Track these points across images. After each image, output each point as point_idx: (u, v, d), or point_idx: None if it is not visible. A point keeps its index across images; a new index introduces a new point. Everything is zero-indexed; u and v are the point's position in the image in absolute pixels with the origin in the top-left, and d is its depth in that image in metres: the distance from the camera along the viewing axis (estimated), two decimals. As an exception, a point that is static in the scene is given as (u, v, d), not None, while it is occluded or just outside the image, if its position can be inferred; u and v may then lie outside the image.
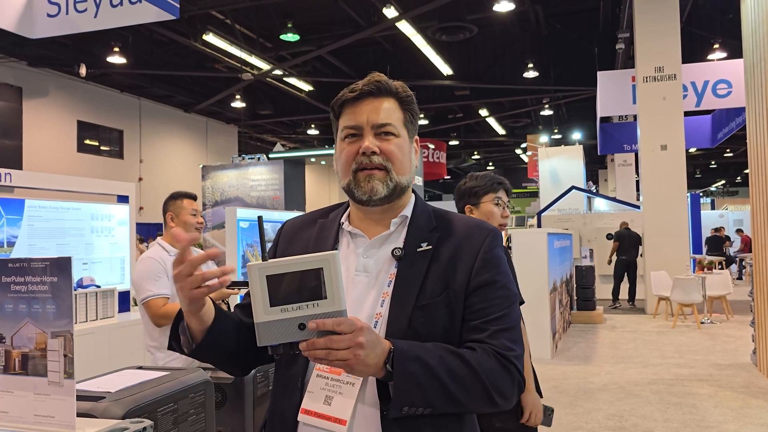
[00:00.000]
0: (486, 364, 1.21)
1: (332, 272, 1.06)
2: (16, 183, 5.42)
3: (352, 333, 1.08)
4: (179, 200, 3.42)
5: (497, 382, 1.21)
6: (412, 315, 1.23)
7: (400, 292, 1.25)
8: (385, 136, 1.31)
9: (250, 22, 14.09)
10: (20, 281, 1.21)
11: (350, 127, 1.32)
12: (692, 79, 12.58)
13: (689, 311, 10.23)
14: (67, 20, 6.12)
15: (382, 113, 1.31)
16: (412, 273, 1.27)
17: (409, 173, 1.35)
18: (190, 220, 3.41)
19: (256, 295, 1.06)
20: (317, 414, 1.23)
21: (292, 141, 25.14)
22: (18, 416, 1.21)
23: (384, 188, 1.29)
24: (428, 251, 1.29)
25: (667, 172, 11.34)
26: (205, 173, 13.86)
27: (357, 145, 1.30)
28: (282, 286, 1.06)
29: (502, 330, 1.26)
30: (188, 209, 3.40)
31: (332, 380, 1.25)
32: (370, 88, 1.31)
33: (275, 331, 1.06)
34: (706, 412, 5.28)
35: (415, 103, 1.39)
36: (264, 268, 1.06)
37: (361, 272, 1.31)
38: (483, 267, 1.29)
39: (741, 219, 22.69)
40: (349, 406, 1.21)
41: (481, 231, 1.34)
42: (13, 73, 15.12)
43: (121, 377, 1.70)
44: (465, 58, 16.70)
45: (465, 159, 30.95)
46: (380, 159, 1.29)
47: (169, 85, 18.18)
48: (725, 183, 39.10)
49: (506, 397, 1.23)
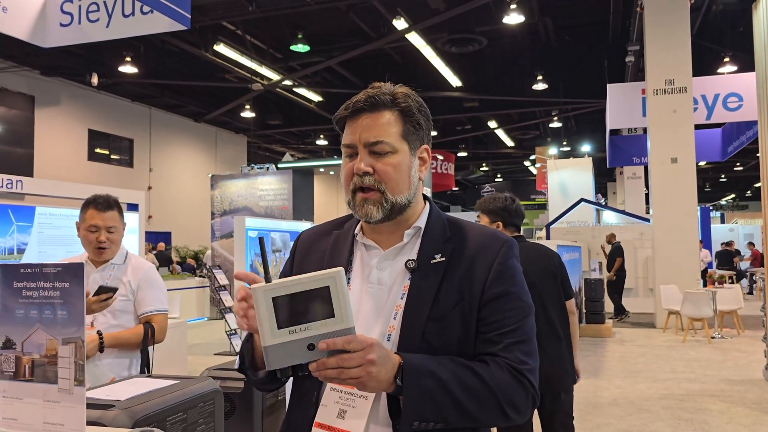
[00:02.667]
0: (499, 378, 1.19)
1: (339, 289, 1.04)
2: (27, 190, 5.45)
3: (363, 350, 1.06)
4: (86, 208, 2.67)
5: (511, 395, 1.19)
6: (426, 328, 1.21)
7: (413, 305, 1.24)
8: (380, 155, 1.27)
9: (260, 33, 14.18)
10: (32, 287, 1.20)
11: (346, 145, 1.30)
12: (703, 92, 12.53)
13: (699, 326, 10.13)
14: (79, 30, 6.17)
15: (375, 130, 1.27)
16: (426, 285, 1.25)
17: (408, 190, 1.30)
18: (87, 236, 2.64)
19: (262, 318, 1.03)
20: (330, 428, 1.23)
21: (300, 151, 25.21)
22: (27, 423, 1.19)
23: (379, 212, 1.27)
24: (442, 263, 1.27)
25: (678, 186, 11.28)
26: (214, 182, 13.91)
27: (353, 164, 1.28)
28: (289, 307, 1.03)
29: (516, 343, 1.24)
30: (87, 222, 2.64)
31: (346, 393, 1.23)
32: (363, 105, 1.28)
33: (285, 354, 1.04)
34: (718, 429, 5.20)
35: (418, 113, 1.32)
36: (270, 290, 1.04)
37: (375, 284, 1.29)
38: (497, 279, 1.27)
39: (751, 233, 22.55)
40: (362, 420, 1.20)
41: (496, 242, 1.31)
42: (26, 81, 15.26)
43: (131, 385, 1.68)
44: (474, 69, 16.72)
45: (473, 171, 30.93)
46: (372, 180, 1.26)
47: (179, 95, 18.29)
48: (735, 197, 38.85)
49: (520, 411, 1.21)
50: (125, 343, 2.59)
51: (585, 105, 17.86)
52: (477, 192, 33.38)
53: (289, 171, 13.69)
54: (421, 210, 1.36)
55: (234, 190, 13.64)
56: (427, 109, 1.36)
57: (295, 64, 15.49)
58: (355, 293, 1.30)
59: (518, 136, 23.77)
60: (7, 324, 1.22)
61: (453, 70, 15.47)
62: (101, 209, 2.63)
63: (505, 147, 24.79)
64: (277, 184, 13.37)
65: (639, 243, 13.66)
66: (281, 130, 21.62)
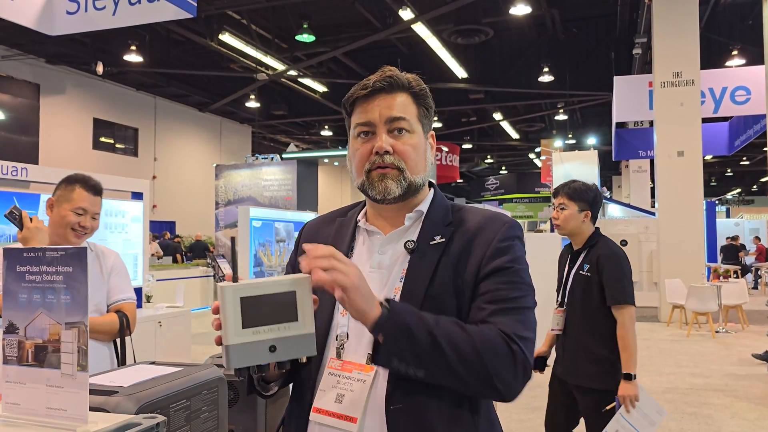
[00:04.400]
0: (486, 338, 1.14)
1: (304, 295, 1.06)
2: (32, 178, 5.45)
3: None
4: (72, 186, 2.39)
5: (496, 358, 1.13)
6: (422, 307, 1.19)
7: (410, 286, 1.23)
8: (399, 134, 1.27)
9: (266, 23, 14.13)
10: (35, 271, 1.19)
11: (362, 123, 1.28)
12: (710, 85, 12.46)
13: (704, 320, 10.11)
14: (85, 18, 6.16)
15: (395, 108, 1.27)
16: (423, 265, 1.24)
17: (423, 172, 1.31)
18: (69, 218, 2.36)
19: (228, 317, 1.03)
20: (328, 412, 1.22)
21: (305, 142, 25.19)
22: (30, 408, 1.19)
23: (398, 187, 1.26)
24: (441, 244, 1.26)
25: (684, 179, 11.22)
26: (219, 172, 13.92)
27: (370, 144, 1.27)
28: (256, 309, 1.04)
29: (508, 309, 1.19)
30: (75, 203, 2.37)
31: (343, 378, 1.23)
32: (382, 84, 1.27)
33: (246, 354, 1.04)
34: (722, 423, 5.19)
35: (429, 98, 1.34)
36: (239, 290, 1.04)
37: (376, 269, 1.29)
38: (495, 254, 1.24)
39: (757, 228, 22.46)
40: (360, 403, 1.20)
41: (497, 222, 1.29)
42: (32, 70, 15.26)
43: (134, 372, 1.67)
44: (480, 61, 16.65)
45: (478, 163, 30.87)
46: (393, 159, 1.26)
47: (184, 84, 18.27)
48: (741, 191, 38.69)
49: (505, 379, 1.14)
50: (101, 329, 2.41)
51: (591, 97, 17.77)
52: (481, 184, 33.31)
53: (294, 161, 13.70)
54: (426, 195, 1.36)
55: (238, 180, 13.64)
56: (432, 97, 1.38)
57: (300, 54, 15.45)
58: None
59: (523, 128, 23.69)
60: (10, 308, 1.21)
61: (459, 61, 15.40)
62: (92, 192, 2.40)
63: (510, 139, 24.72)
64: (281, 174, 13.38)
65: (644, 237, 13.61)
66: (286, 121, 21.60)
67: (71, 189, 2.37)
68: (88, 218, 2.38)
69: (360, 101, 1.30)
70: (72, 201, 2.36)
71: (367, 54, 16.06)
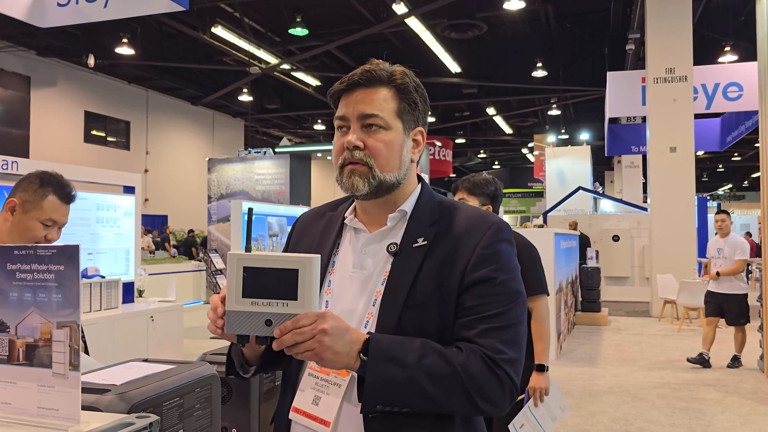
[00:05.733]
0: (471, 368, 1.13)
1: (308, 276, 1.06)
2: (22, 171, 5.41)
3: (314, 322, 1.05)
4: (44, 191, 1.98)
5: (482, 386, 1.13)
6: (402, 315, 1.17)
7: (391, 291, 1.20)
8: (372, 129, 1.24)
9: (259, 16, 14.06)
10: (26, 269, 1.17)
11: (339, 117, 1.27)
12: (703, 81, 12.49)
13: (695, 315, 10.16)
14: (77, 10, 6.11)
15: (370, 104, 1.24)
16: (404, 270, 1.21)
17: (398, 170, 1.26)
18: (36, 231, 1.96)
19: (230, 283, 1.07)
20: (305, 413, 1.23)
21: (298, 136, 25.12)
22: (21, 408, 1.17)
23: (365, 185, 1.23)
24: (423, 247, 1.23)
25: (676, 175, 11.27)
26: (211, 166, 13.86)
27: (345, 138, 1.25)
28: (256, 280, 1.07)
29: (494, 329, 1.16)
30: (45, 213, 1.97)
31: (321, 380, 1.23)
32: (359, 79, 1.25)
33: (243, 322, 1.07)
34: (713, 418, 5.22)
35: (414, 92, 1.29)
36: (242, 259, 1.08)
37: (359, 270, 1.27)
38: (479, 263, 1.20)
39: (748, 223, 22.61)
40: (334, 407, 1.19)
41: (482, 225, 1.25)
42: (22, 62, 15.13)
43: (127, 369, 1.66)
44: (474, 56, 16.64)
45: (471, 157, 30.88)
46: (362, 155, 1.23)
47: (176, 78, 18.17)
48: (732, 187, 38.91)
49: (493, 403, 1.15)
50: None
51: (584, 93, 17.80)
52: (474, 179, 33.33)
53: (287, 155, 13.65)
54: (411, 192, 1.32)
55: (231, 174, 13.59)
56: (424, 91, 1.33)
57: (293, 47, 15.38)
58: (339, 277, 1.29)
59: (517, 123, 23.71)
60: (0, 307, 1.19)
61: (452, 56, 15.38)
62: (65, 201, 2.01)
63: (503, 134, 24.74)
64: (274, 168, 13.34)
65: (636, 232, 13.68)
66: (279, 115, 21.53)
67: (42, 195, 1.97)
68: (56, 230, 2.00)
69: (343, 95, 1.28)
70: (42, 210, 1.96)
71: (361, 48, 16.01)
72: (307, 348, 1.06)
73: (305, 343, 1.05)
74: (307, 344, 1.05)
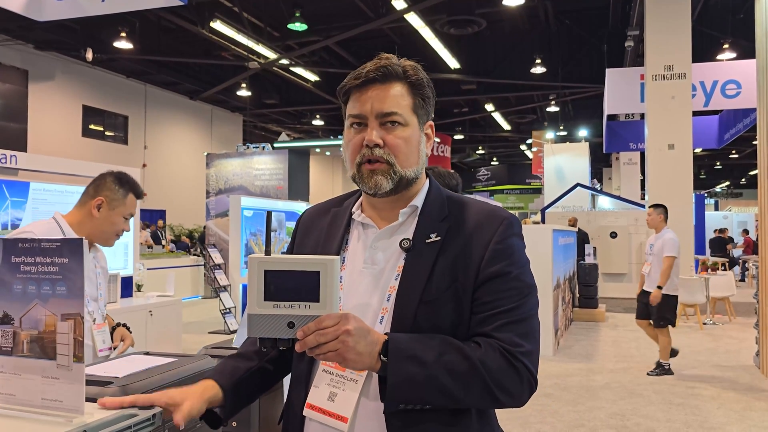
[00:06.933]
0: (490, 362, 1.15)
1: (329, 277, 1.07)
2: (21, 165, 5.41)
3: (337, 323, 1.06)
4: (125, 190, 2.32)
5: (501, 379, 1.15)
6: (417, 310, 1.19)
7: (405, 287, 1.21)
8: (391, 126, 1.24)
9: (258, 11, 14.02)
10: (30, 262, 1.18)
11: (354, 115, 1.26)
12: (701, 78, 12.49)
13: (692, 312, 10.20)
14: (75, 3, 6.09)
15: (387, 101, 1.24)
16: (419, 266, 1.22)
17: (416, 165, 1.28)
18: (121, 225, 2.32)
19: (252, 287, 1.08)
20: (321, 410, 1.22)
21: (297, 131, 25.08)
22: (25, 399, 1.19)
23: (388, 183, 1.24)
24: (436, 243, 1.24)
25: (674, 172, 11.28)
26: (210, 161, 13.84)
27: (362, 135, 1.25)
28: (278, 283, 1.08)
29: (510, 323, 1.19)
30: (128, 209, 2.33)
31: (337, 376, 1.23)
32: (375, 74, 1.24)
33: (265, 325, 1.08)
34: (709, 414, 5.25)
35: (427, 87, 1.30)
36: (264, 262, 1.09)
37: (370, 265, 1.27)
38: (493, 258, 1.22)
39: (745, 221, 22.64)
40: (351, 403, 1.20)
41: (494, 220, 1.26)
42: (20, 56, 15.08)
43: (129, 362, 1.67)
44: (473, 52, 16.61)
45: (469, 154, 30.87)
46: (383, 152, 1.23)
47: (175, 72, 18.11)
48: (730, 184, 38.97)
49: (512, 396, 1.17)
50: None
51: (583, 90, 17.79)
52: (473, 175, 33.36)
53: (285, 151, 13.63)
54: (421, 188, 1.33)
55: (229, 169, 13.58)
56: (432, 85, 1.34)
57: (292, 42, 15.34)
58: (350, 273, 1.29)
59: (515, 119, 23.71)
60: (5, 299, 1.20)
61: (451, 52, 15.36)
62: (140, 197, 2.37)
63: (501, 130, 24.72)
64: (272, 163, 13.32)
65: (633, 229, 13.70)
66: (277, 110, 21.49)
67: (125, 194, 2.30)
68: (128, 222, 2.35)
69: (354, 90, 1.27)
70: (125, 206, 2.30)
71: (360, 43, 15.98)
72: (330, 349, 1.07)
73: (329, 344, 1.06)
74: (330, 345, 1.06)
